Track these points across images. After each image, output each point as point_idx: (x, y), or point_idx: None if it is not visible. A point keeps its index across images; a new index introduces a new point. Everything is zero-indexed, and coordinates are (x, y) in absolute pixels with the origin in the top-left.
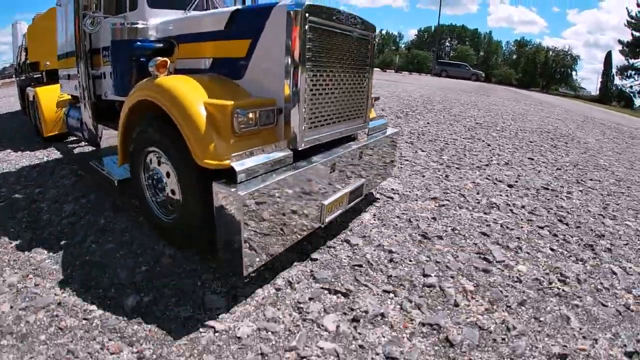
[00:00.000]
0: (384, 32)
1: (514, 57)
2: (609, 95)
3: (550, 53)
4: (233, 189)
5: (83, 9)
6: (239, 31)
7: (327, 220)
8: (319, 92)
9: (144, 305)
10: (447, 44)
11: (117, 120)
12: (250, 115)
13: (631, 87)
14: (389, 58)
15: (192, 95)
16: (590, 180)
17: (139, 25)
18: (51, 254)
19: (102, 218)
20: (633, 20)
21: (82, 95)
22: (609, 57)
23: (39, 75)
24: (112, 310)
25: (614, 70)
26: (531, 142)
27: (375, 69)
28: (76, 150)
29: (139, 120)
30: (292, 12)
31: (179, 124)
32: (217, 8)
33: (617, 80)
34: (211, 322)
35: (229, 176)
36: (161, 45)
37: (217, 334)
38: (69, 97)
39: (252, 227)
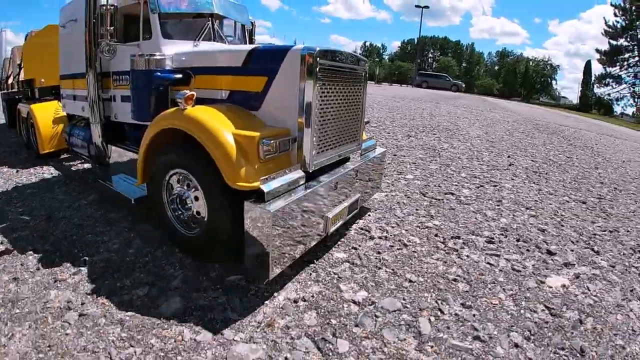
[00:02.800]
0: (367, 44)
1: (496, 67)
2: (589, 104)
3: (531, 63)
4: (263, 207)
5: (96, 36)
6: (256, 68)
7: (330, 230)
8: (325, 121)
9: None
10: (430, 55)
11: (125, 140)
12: (273, 143)
13: (609, 94)
14: (371, 70)
15: (221, 126)
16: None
17: (157, 56)
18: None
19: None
20: (610, 30)
21: (93, 116)
22: (588, 66)
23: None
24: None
25: (593, 79)
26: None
27: None
28: (73, 168)
29: (164, 145)
30: (305, 56)
31: (212, 151)
32: (222, 39)
33: (596, 89)
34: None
35: (255, 195)
36: (180, 75)
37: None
38: (65, 114)
39: (276, 238)
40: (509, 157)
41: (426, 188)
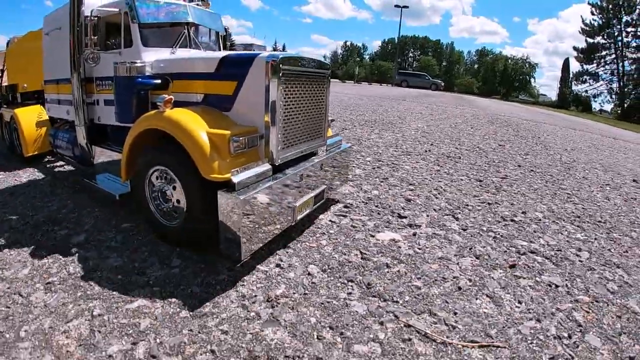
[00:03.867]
0: (348, 43)
1: (476, 66)
2: (567, 101)
3: (509, 61)
4: (234, 195)
5: (81, 43)
6: (227, 74)
7: (297, 218)
8: (289, 120)
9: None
10: (411, 54)
11: (108, 141)
12: (242, 140)
13: (586, 91)
14: (351, 69)
15: (196, 126)
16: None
17: (138, 64)
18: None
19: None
20: (587, 28)
21: (77, 119)
22: (566, 64)
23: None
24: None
25: (571, 77)
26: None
27: (335, 80)
28: (56, 170)
29: (145, 145)
30: (270, 62)
31: (188, 148)
32: (198, 47)
33: (574, 86)
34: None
35: (227, 186)
36: (159, 81)
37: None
38: (47, 118)
39: (247, 224)
40: (431, 145)
41: None
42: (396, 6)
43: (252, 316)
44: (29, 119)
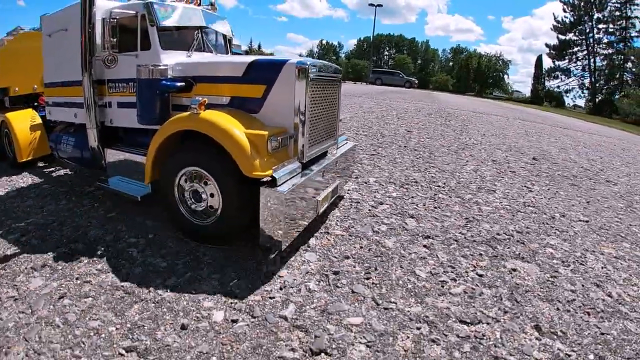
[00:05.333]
0: (324, 42)
1: (450, 64)
2: (540, 97)
3: (483, 59)
4: (276, 190)
5: (92, 45)
6: (255, 78)
7: (320, 210)
8: (313, 121)
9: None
10: (386, 53)
11: (120, 143)
12: (279, 139)
13: (558, 87)
14: None
15: (235, 127)
16: None
17: (161, 67)
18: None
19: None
20: (559, 25)
21: (89, 122)
22: (539, 60)
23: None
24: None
25: (544, 73)
26: None
27: None
28: (54, 174)
29: (175, 146)
30: (299, 67)
31: (229, 148)
32: (210, 49)
33: (547, 82)
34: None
35: (265, 183)
36: (183, 83)
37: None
38: (40, 121)
39: (286, 215)
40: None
41: None
42: (370, 4)
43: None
44: (22, 123)
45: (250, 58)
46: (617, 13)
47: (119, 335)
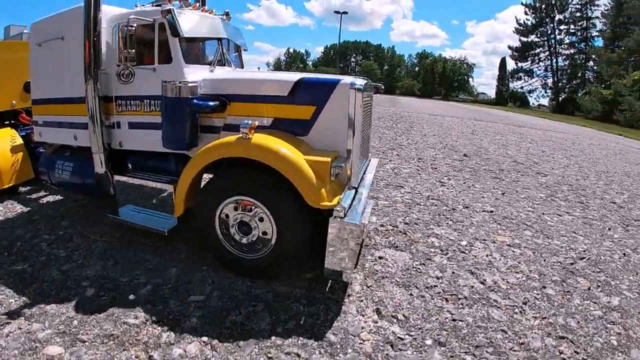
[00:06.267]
0: (291, 50)
1: (416, 69)
2: (504, 98)
3: (448, 63)
4: (349, 221)
5: (98, 56)
6: (303, 98)
7: (363, 235)
8: (362, 142)
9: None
10: (353, 59)
11: (129, 169)
12: (342, 166)
13: (522, 88)
14: None
15: (293, 153)
16: None
17: (191, 83)
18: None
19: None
20: (521, 27)
21: (95, 145)
22: (503, 62)
23: None
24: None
25: (507, 74)
26: None
27: None
28: (42, 201)
29: (215, 173)
30: (354, 89)
31: (291, 177)
32: (230, 63)
33: (511, 83)
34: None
35: (326, 212)
36: (217, 103)
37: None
38: (21, 142)
39: (356, 245)
40: None
41: None
42: (336, 12)
43: None
44: (1, 145)
45: (295, 76)
46: (578, 14)
47: None
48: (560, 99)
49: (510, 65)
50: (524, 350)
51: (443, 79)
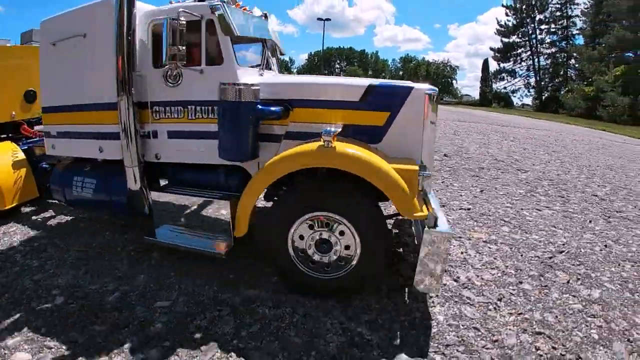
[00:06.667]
0: None
1: (400, 73)
2: (488, 98)
3: (431, 66)
4: (442, 231)
5: (131, 56)
6: (376, 104)
7: None
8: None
9: None
10: (337, 65)
11: (156, 183)
12: (428, 174)
13: (505, 88)
14: None
15: (381, 162)
16: None
17: (254, 87)
18: None
19: None
20: (502, 29)
21: (128, 157)
22: (485, 64)
23: None
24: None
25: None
26: None
27: None
28: (49, 222)
29: (290, 188)
30: (428, 95)
31: (384, 188)
32: (272, 67)
33: (494, 84)
34: None
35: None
36: (282, 108)
37: None
38: (23, 157)
39: (448, 255)
40: None
41: None
42: (319, 19)
43: None
44: (2, 161)
45: (365, 81)
46: (558, 13)
47: None
48: (543, 97)
49: (493, 66)
50: (497, 347)
51: (427, 82)
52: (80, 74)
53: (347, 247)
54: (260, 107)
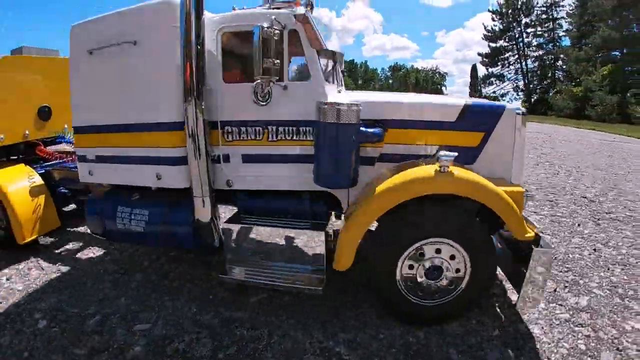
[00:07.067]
0: None
1: (390, 81)
2: None
3: (420, 73)
4: (546, 250)
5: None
6: (471, 124)
7: None
8: None
9: None
10: None
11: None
12: (533, 195)
13: (494, 92)
14: None
15: (495, 187)
16: None
17: (355, 107)
18: None
19: None
20: (489, 34)
21: (199, 186)
22: (474, 69)
23: None
24: None
25: (479, 81)
26: None
27: None
28: (83, 256)
29: (396, 216)
30: (519, 115)
31: (501, 212)
32: (335, 82)
33: (483, 89)
34: None
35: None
36: (381, 129)
37: None
38: (41, 183)
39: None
40: None
41: None
42: None
43: None
44: (18, 187)
45: (460, 100)
46: (544, 16)
47: None
48: (532, 100)
49: (481, 71)
50: None
51: (417, 90)
52: (129, 88)
53: (457, 271)
54: (362, 128)
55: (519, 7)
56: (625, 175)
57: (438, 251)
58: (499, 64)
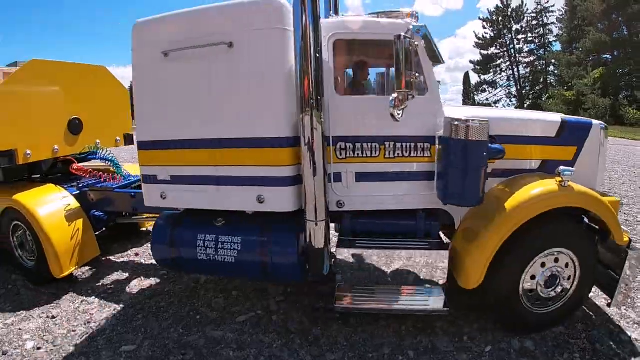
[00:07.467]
0: None
1: None
2: None
3: None
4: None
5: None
6: (568, 138)
7: None
8: None
9: None
10: None
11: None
12: (623, 203)
13: (487, 99)
14: None
15: (603, 198)
16: None
17: (484, 124)
18: None
19: None
20: (480, 41)
21: (314, 209)
22: (466, 77)
23: None
24: None
25: (472, 88)
26: None
27: None
28: (133, 290)
29: (539, 227)
30: (603, 129)
31: (609, 221)
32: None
33: (476, 97)
34: None
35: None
36: (502, 146)
37: None
38: (77, 205)
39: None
40: None
41: None
42: None
43: None
44: (51, 211)
45: (557, 116)
46: (535, 22)
47: None
48: (525, 105)
49: (474, 79)
50: None
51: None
52: (221, 97)
53: (568, 278)
54: (491, 146)
55: (509, 14)
56: (620, 177)
57: (556, 260)
58: (491, 71)
